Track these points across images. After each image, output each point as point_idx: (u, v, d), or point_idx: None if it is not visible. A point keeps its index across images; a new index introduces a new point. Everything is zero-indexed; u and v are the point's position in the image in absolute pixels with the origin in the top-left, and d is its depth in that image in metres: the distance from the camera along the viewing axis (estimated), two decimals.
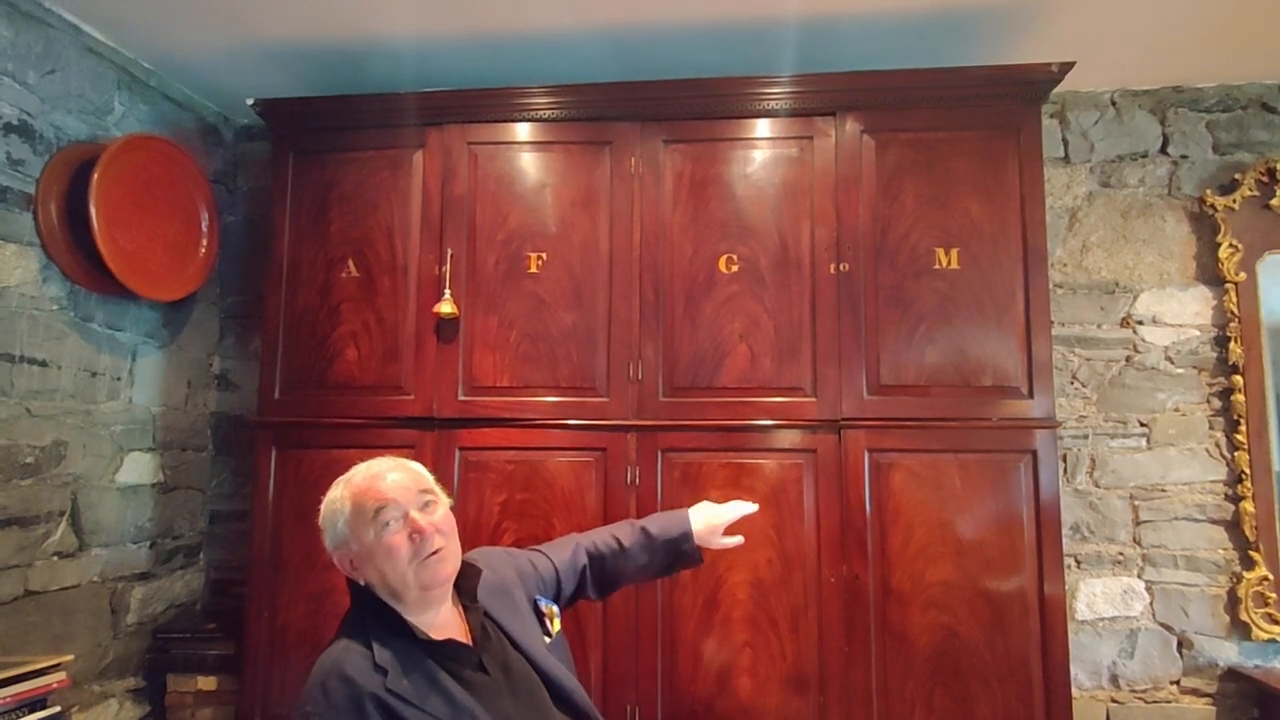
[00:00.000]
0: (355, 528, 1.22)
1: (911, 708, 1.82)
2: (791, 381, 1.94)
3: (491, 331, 2.03)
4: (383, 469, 1.27)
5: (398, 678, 1.14)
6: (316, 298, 2.11)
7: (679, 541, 1.55)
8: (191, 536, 2.47)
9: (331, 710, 1.11)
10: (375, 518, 1.21)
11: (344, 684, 1.12)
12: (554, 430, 1.99)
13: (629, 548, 1.53)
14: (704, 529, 1.57)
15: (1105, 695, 2.22)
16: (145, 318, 2.28)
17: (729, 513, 1.60)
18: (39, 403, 1.92)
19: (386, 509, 1.21)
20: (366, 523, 1.21)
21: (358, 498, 1.23)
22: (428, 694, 1.14)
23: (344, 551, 1.25)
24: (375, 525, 1.21)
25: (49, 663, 1.63)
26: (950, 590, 1.84)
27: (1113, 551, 2.26)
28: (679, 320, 1.99)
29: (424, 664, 1.18)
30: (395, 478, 1.25)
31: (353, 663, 1.15)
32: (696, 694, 1.88)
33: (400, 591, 1.21)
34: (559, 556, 1.50)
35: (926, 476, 1.88)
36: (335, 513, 1.26)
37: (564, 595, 1.49)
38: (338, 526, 1.25)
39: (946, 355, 1.91)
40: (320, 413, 2.06)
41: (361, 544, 1.22)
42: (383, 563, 1.20)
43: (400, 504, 1.22)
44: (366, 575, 1.24)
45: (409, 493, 1.24)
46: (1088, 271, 2.34)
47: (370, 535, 1.21)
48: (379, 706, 1.11)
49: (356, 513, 1.23)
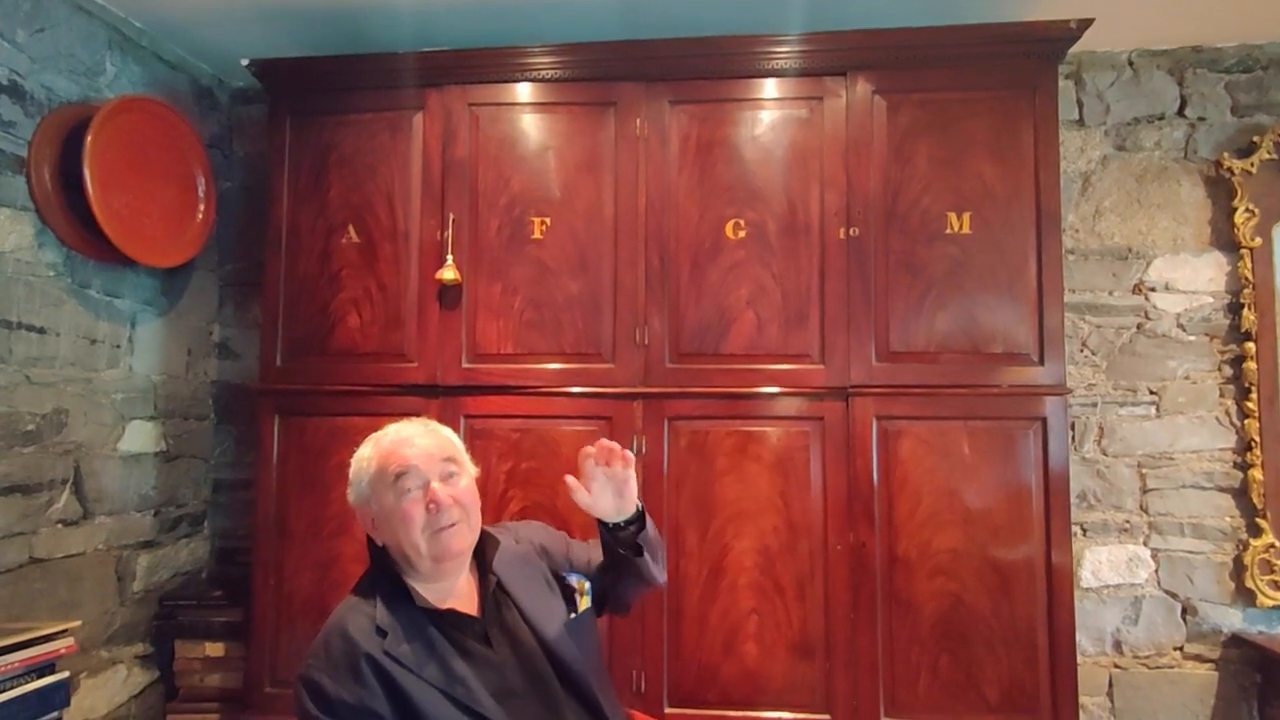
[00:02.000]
0: (377, 489, 1.23)
1: (917, 673, 1.82)
2: (799, 348, 1.92)
3: (495, 298, 2.00)
4: (411, 434, 1.27)
5: (397, 641, 1.14)
6: (317, 264, 2.07)
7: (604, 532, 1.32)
8: (195, 505, 2.47)
9: (330, 666, 1.11)
10: (396, 482, 1.21)
11: (344, 642, 1.13)
12: (559, 398, 1.97)
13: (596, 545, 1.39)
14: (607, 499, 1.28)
15: (1108, 661, 2.23)
16: (143, 285, 2.25)
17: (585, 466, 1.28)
18: (38, 370, 1.90)
19: (407, 475, 1.21)
20: (387, 486, 1.22)
21: (382, 459, 1.24)
22: (425, 660, 1.14)
23: (366, 509, 1.26)
24: (395, 490, 1.21)
25: (56, 629, 1.63)
26: (957, 557, 1.83)
27: (1119, 519, 2.25)
28: (685, 287, 1.96)
29: (426, 630, 1.17)
30: (422, 444, 1.25)
31: (355, 622, 1.16)
32: (702, 660, 1.88)
33: (413, 558, 1.21)
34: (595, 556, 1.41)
35: (935, 444, 1.86)
36: (361, 470, 1.26)
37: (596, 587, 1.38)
38: (362, 484, 1.25)
39: (957, 321, 1.88)
40: (322, 380, 2.04)
41: (381, 506, 1.22)
42: (398, 528, 1.20)
43: (422, 471, 1.22)
44: (384, 536, 1.24)
45: (432, 461, 1.23)
46: (1100, 237, 2.30)
47: (390, 499, 1.21)
48: (374, 668, 1.11)
49: (379, 474, 1.23)
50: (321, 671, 1.11)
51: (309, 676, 1.12)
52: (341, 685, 1.10)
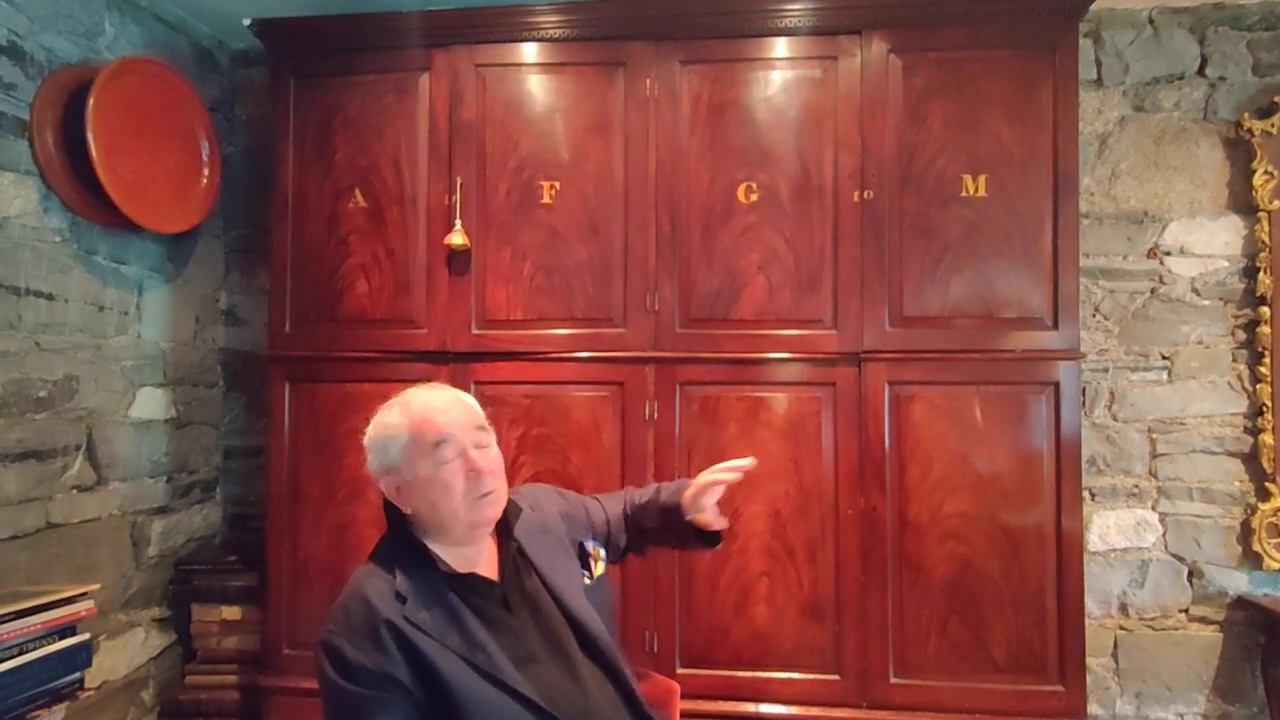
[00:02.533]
0: (411, 457, 1.20)
1: (926, 635, 1.84)
2: (811, 314, 1.90)
3: (504, 263, 1.99)
4: (443, 401, 1.24)
5: (416, 607, 1.14)
6: (324, 229, 2.05)
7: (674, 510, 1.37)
8: (207, 471, 2.48)
9: (350, 631, 1.11)
10: (435, 451, 1.18)
11: (364, 608, 1.13)
12: (570, 363, 1.96)
13: (644, 504, 1.43)
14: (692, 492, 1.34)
15: (1114, 623, 2.26)
16: (149, 251, 2.23)
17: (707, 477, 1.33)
18: (48, 336, 1.89)
19: (446, 444, 1.19)
20: (425, 455, 1.19)
21: (417, 427, 1.20)
22: (445, 626, 1.14)
23: (393, 477, 1.22)
24: (434, 459, 1.18)
25: (76, 592, 1.64)
26: (968, 521, 1.84)
27: (1128, 484, 2.26)
28: (696, 251, 1.94)
29: (446, 596, 1.17)
30: (456, 413, 1.23)
31: (375, 587, 1.16)
32: (714, 621, 1.90)
33: (449, 526, 1.20)
34: (613, 509, 1.45)
35: (947, 409, 1.86)
36: (389, 438, 1.22)
37: (616, 547, 1.43)
38: (390, 452, 1.21)
39: (971, 286, 1.86)
40: (332, 346, 2.03)
41: (415, 474, 1.20)
42: (437, 497, 1.19)
43: (459, 440, 1.20)
44: (414, 504, 1.22)
45: (468, 429, 1.22)
46: (1116, 200, 2.27)
47: (427, 468, 1.19)
48: (394, 634, 1.11)
49: (414, 442, 1.20)
50: (341, 637, 1.11)
51: (329, 642, 1.11)
52: (361, 651, 1.10)
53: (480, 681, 1.12)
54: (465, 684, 1.11)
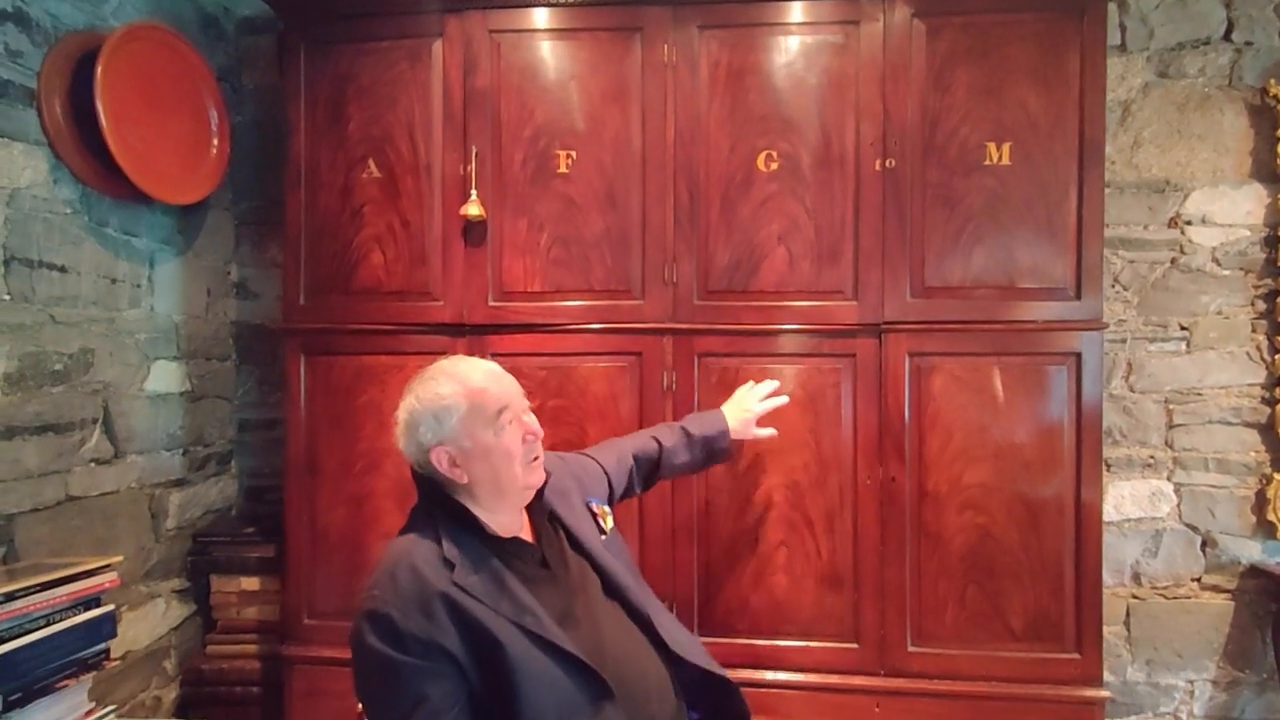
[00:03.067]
0: (471, 426, 1.21)
1: (944, 604, 1.86)
2: (832, 285, 1.89)
3: (521, 235, 1.97)
4: (492, 371, 1.29)
5: (465, 573, 1.15)
6: (338, 200, 2.03)
7: (716, 439, 1.69)
8: (222, 445, 2.48)
9: (398, 598, 1.12)
10: (497, 418, 1.22)
11: (414, 576, 1.13)
12: (587, 335, 1.95)
13: (670, 448, 1.64)
14: (739, 425, 1.72)
15: (1126, 592, 2.28)
16: (160, 223, 2.21)
17: (760, 407, 1.75)
18: (62, 309, 1.88)
19: (507, 411, 1.23)
20: (487, 423, 1.22)
21: (476, 397, 1.23)
22: (494, 590, 1.16)
23: (447, 448, 1.22)
24: (495, 426, 1.22)
25: (100, 563, 1.65)
26: (987, 492, 1.84)
27: (1144, 455, 2.26)
28: (715, 222, 1.92)
29: (490, 561, 1.19)
30: (507, 383, 1.28)
31: (422, 555, 1.16)
32: (732, 590, 1.92)
33: (508, 489, 1.24)
34: (606, 460, 1.55)
35: (968, 380, 1.85)
36: (445, 409, 1.22)
37: (614, 496, 1.54)
38: (446, 423, 1.22)
39: (993, 256, 1.85)
40: (347, 319, 2.02)
41: (476, 443, 1.21)
42: (499, 463, 1.22)
43: (515, 407, 1.25)
44: (472, 472, 1.22)
45: (519, 397, 1.28)
46: (1138, 169, 2.24)
47: (490, 436, 1.22)
48: (446, 603, 1.12)
49: (475, 411, 1.22)
50: (389, 605, 1.11)
51: (376, 610, 1.11)
52: (411, 620, 1.10)
53: (529, 645, 1.14)
54: (517, 647, 1.13)
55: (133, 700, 2.08)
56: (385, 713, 1.10)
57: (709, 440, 1.69)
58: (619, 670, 1.17)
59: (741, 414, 1.74)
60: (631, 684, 1.17)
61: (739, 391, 1.81)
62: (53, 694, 1.51)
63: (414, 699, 1.08)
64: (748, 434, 1.74)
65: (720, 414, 1.74)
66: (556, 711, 1.11)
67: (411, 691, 1.08)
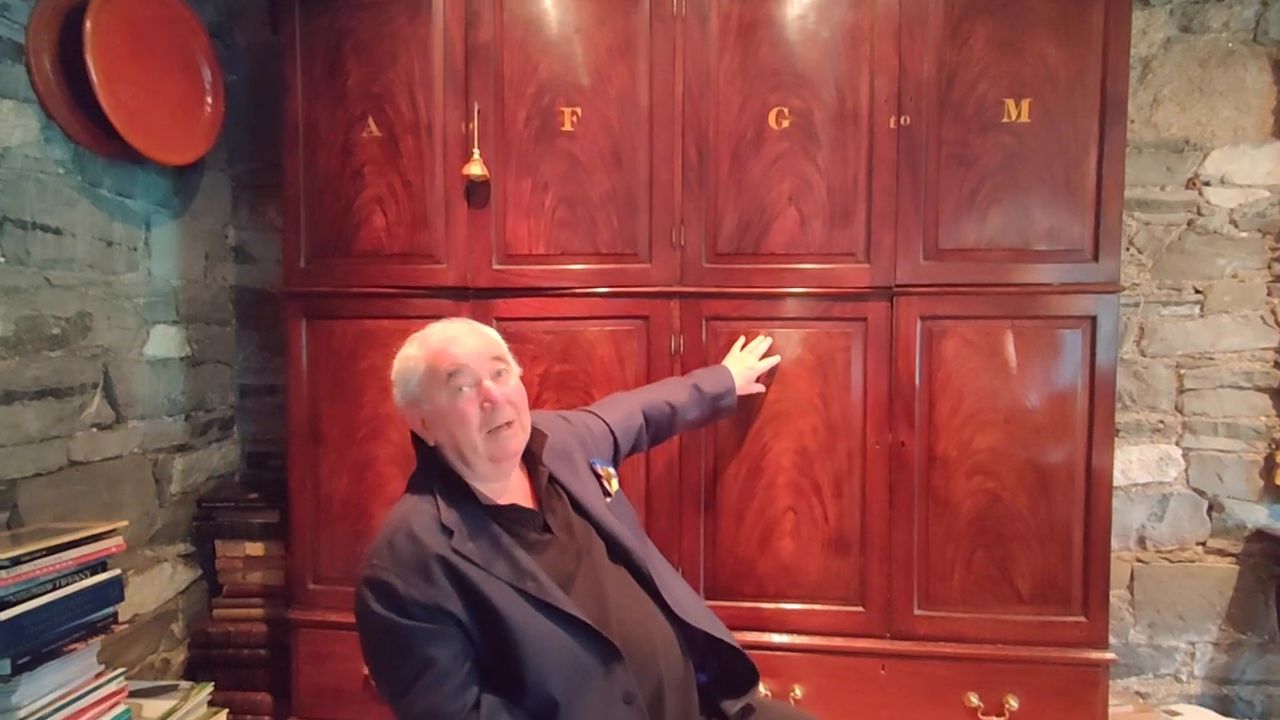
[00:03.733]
0: (428, 389, 1.22)
1: (951, 568, 1.85)
2: (844, 247, 1.85)
3: (525, 195, 1.92)
4: (458, 332, 1.26)
5: (463, 539, 1.14)
6: (338, 160, 1.98)
7: (724, 396, 1.72)
8: (223, 410, 2.46)
9: (398, 565, 1.11)
10: (449, 381, 1.20)
11: (411, 542, 1.13)
12: (594, 299, 1.92)
13: (683, 405, 1.64)
14: (742, 382, 1.77)
15: (1131, 556, 2.28)
16: (155, 185, 2.16)
17: (762, 365, 1.82)
18: (58, 272, 1.84)
19: (460, 374, 1.20)
20: (440, 385, 1.21)
21: (432, 358, 1.22)
22: (492, 556, 1.15)
23: (415, 410, 1.25)
24: (448, 389, 1.20)
25: (105, 528, 1.64)
26: (997, 457, 1.83)
27: (1153, 420, 2.24)
28: (724, 182, 1.88)
29: (489, 527, 1.18)
30: (471, 343, 1.24)
31: (420, 522, 1.15)
32: (739, 555, 1.91)
33: (469, 458, 1.21)
34: (612, 417, 1.53)
35: (980, 344, 1.82)
36: (409, 370, 1.25)
37: (620, 453, 1.53)
38: (411, 385, 1.24)
39: (1009, 217, 1.80)
40: (349, 282, 1.98)
41: (434, 405, 1.22)
42: (454, 427, 1.20)
43: (473, 370, 1.21)
44: (437, 436, 1.24)
45: (482, 359, 1.23)
46: (1156, 128, 2.19)
47: (443, 398, 1.21)
48: (445, 567, 1.11)
49: (430, 374, 1.22)
50: (389, 572, 1.11)
51: (376, 578, 1.11)
52: (412, 585, 1.09)
53: (531, 609, 1.13)
54: (517, 612, 1.12)
55: (141, 663, 2.09)
56: (393, 678, 1.10)
57: (718, 397, 1.72)
58: (625, 632, 1.16)
59: (745, 371, 1.79)
60: (638, 646, 1.17)
61: (734, 349, 1.85)
62: (61, 657, 1.51)
63: (421, 662, 1.08)
64: (749, 390, 1.81)
65: (728, 370, 1.77)
66: (562, 673, 1.10)
67: (418, 655, 1.08)
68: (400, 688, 1.09)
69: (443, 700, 1.07)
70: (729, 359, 1.84)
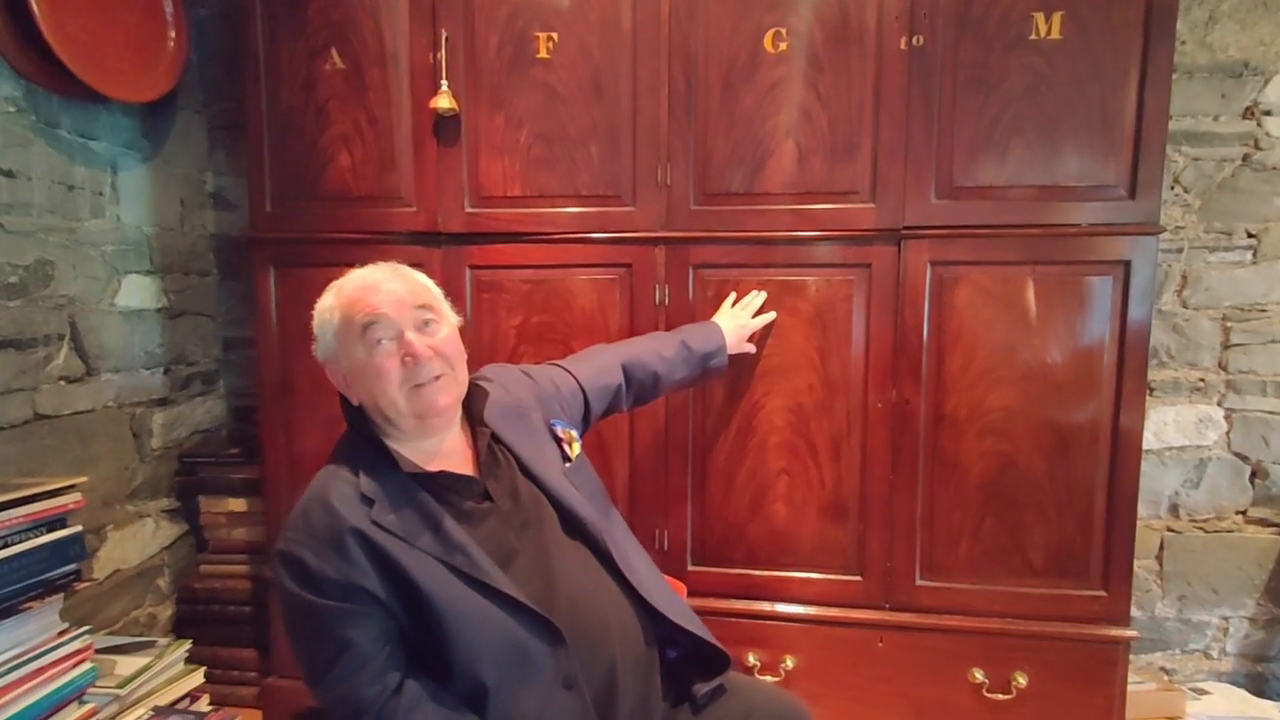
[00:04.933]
0: (344, 342, 1.11)
1: (958, 537, 1.71)
2: (846, 185, 1.67)
3: (498, 131, 1.77)
4: (377, 278, 1.12)
5: (384, 510, 1.03)
6: (301, 95, 1.84)
7: (714, 355, 1.57)
8: (207, 363, 2.39)
9: (310, 539, 1.01)
10: (364, 334, 1.08)
11: (326, 514, 1.02)
12: (573, 245, 1.78)
13: (671, 361, 1.50)
14: (733, 340, 1.63)
15: (1161, 525, 2.11)
16: (120, 125, 2.05)
17: (755, 323, 1.68)
18: (13, 218, 1.75)
19: (377, 325, 1.08)
20: (355, 338, 1.09)
21: (346, 308, 1.10)
22: (417, 528, 1.04)
23: (335, 366, 1.14)
24: (365, 342, 1.08)
25: (62, 484, 1.57)
26: (1012, 417, 1.67)
27: (1193, 378, 2.05)
28: (714, 113, 1.70)
29: (417, 495, 1.06)
30: (391, 289, 1.10)
31: (339, 491, 1.05)
32: (728, 520, 1.79)
33: (393, 418, 1.10)
34: (585, 372, 1.39)
35: (996, 292, 1.65)
36: (325, 323, 1.14)
37: (592, 414, 1.39)
38: (327, 338, 1.13)
39: (1033, 149, 1.60)
40: (316, 227, 1.87)
41: (351, 361, 1.10)
42: (372, 384, 1.08)
43: (393, 320, 1.08)
44: (359, 395, 1.12)
45: (404, 308, 1.09)
46: (1211, 50, 1.94)
47: (360, 352, 1.08)
48: (361, 541, 1.01)
49: (345, 326, 1.10)
50: (302, 545, 1.01)
51: (288, 551, 1.02)
52: (325, 560, 1.00)
53: (460, 585, 1.02)
54: (443, 589, 1.01)
55: (125, 617, 2.06)
56: (310, 659, 1.01)
57: (708, 356, 1.58)
58: (572, 611, 1.05)
59: (736, 328, 1.63)
60: (587, 627, 1.06)
61: (725, 305, 1.69)
62: (16, 615, 1.46)
63: (338, 645, 0.98)
64: (739, 349, 1.66)
65: (717, 327, 1.62)
66: (493, 655, 1.00)
67: (335, 637, 0.98)
68: (317, 670, 1.00)
69: (361, 684, 0.98)
70: (719, 315, 1.69)
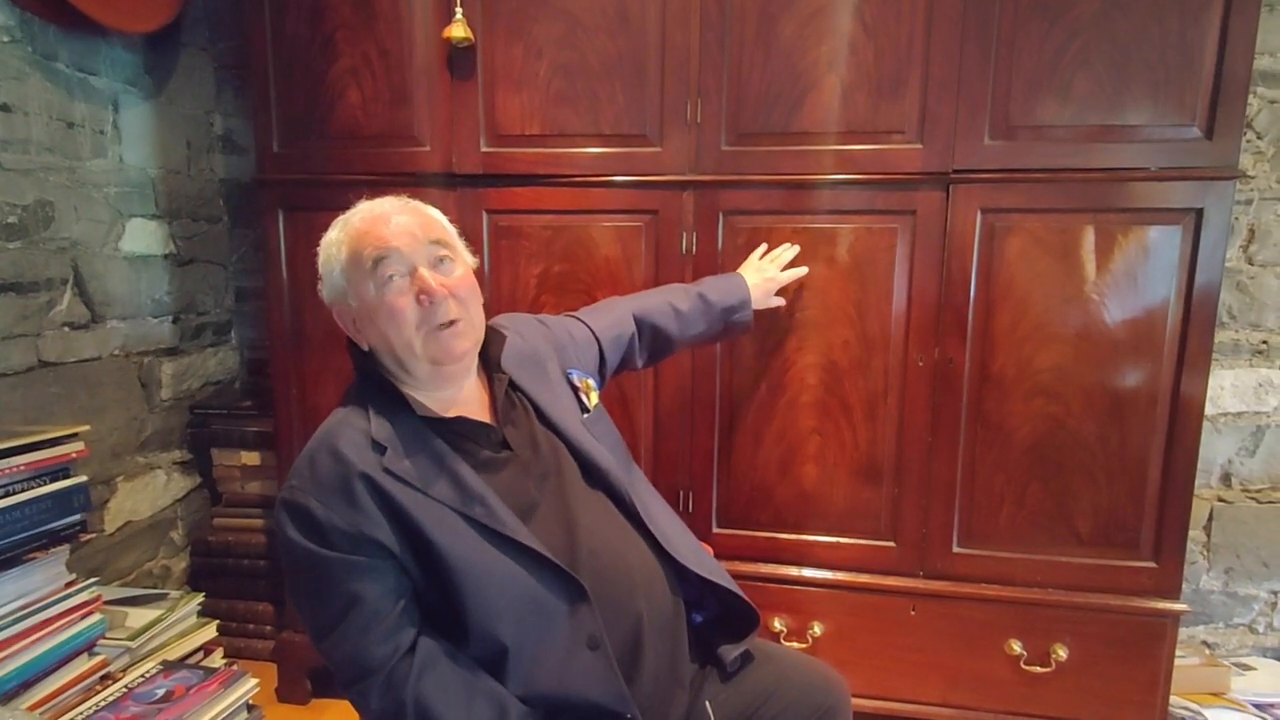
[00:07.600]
0: (353, 280, 1.01)
1: (1000, 502, 1.62)
2: (892, 124, 1.54)
3: (516, 64, 1.65)
4: (387, 210, 1.03)
5: (397, 457, 0.96)
6: (307, 26, 1.73)
7: (737, 309, 1.47)
8: (219, 314, 2.33)
9: (316, 487, 0.94)
10: (375, 269, 0.99)
11: (334, 460, 0.95)
12: (595, 190, 1.67)
13: (685, 314, 1.40)
14: (759, 294, 1.52)
15: (1211, 494, 2.00)
16: (121, 60, 1.95)
17: (784, 278, 1.56)
18: (11, 155, 1.68)
19: (388, 260, 0.99)
20: (365, 275, 1.00)
21: (355, 242, 1.01)
22: (432, 475, 0.96)
23: (343, 307, 1.05)
24: (375, 279, 0.99)
25: (63, 432, 1.52)
26: (1063, 377, 1.55)
27: (1255, 340, 1.91)
28: (750, 45, 1.57)
29: (432, 442, 0.99)
30: (401, 221, 1.01)
31: (347, 437, 0.97)
32: (755, 480, 1.71)
33: (407, 362, 1.02)
34: (600, 323, 1.32)
35: (1052, 243, 1.52)
36: (330, 259, 1.05)
37: (607, 366, 1.32)
38: (334, 275, 1.04)
39: (1102, 84, 1.46)
40: (325, 168, 1.77)
41: (361, 300, 1.01)
42: (385, 325, 0.99)
43: (406, 255, 0.99)
44: (369, 338, 1.04)
45: (417, 242, 1.00)
46: None
47: (370, 290, 1.00)
48: (371, 487, 0.94)
49: (352, 261, 1.01)
50: (308, 494, 0.94)
51: (293, 500, 0.95)
52: (332, 510, 0.93)
53: (478, 539, 0.95)
54: (460, 542, 0.94)
55: (139, 569, 2.04)
56: (316, 616, 0.94)
57: (729, 310, 1.47)
58: (597, 565, 0.98)
59: (764, 282, 1.52)
60: (613, 581, 0.99)
61: (752, 257, 1.58)
62: (21, 565, 1.42)
63: (347, 599, 0.91)
64: (765, 304, 1.55)
65: (741, 279, 1.51)
66: (513, 613, 0.93)
67: (343, 591, 0.92)
68: (324, 627, 0.93)
69: (371, 643, 0.91)
70: (745, 267, 1.58)
